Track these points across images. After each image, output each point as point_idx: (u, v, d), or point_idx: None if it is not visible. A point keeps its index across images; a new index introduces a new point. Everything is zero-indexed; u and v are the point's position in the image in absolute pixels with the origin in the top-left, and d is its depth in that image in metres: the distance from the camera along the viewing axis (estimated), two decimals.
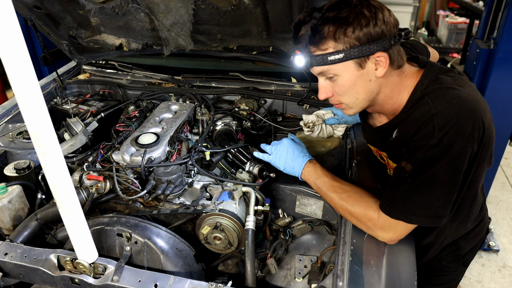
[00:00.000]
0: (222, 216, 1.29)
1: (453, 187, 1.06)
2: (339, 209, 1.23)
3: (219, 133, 1.73)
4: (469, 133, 1.00)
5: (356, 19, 1.01)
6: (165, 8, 1.77)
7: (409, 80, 1.13)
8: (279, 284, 1.29)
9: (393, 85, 1.12)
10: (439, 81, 1.08)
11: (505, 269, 2.74)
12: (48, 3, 1.83)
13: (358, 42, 1.02)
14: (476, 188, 1.21)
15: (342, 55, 1.03)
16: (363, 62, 1.06)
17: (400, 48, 1.10)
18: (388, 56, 1.05)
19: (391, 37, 1.03)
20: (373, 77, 1.09)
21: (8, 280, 1.24)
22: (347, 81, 1.09)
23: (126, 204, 1.41)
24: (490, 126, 1.07)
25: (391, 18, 1.04)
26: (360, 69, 1.07)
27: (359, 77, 1.08)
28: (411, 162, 1.06)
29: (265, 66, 2.12)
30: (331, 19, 1.02)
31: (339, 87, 1.12)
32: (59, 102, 2.03)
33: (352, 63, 1.05)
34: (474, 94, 1.06)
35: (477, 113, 1.02)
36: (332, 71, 1.08)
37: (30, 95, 0.78)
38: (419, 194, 1.06)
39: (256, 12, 1.73)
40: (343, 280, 1.02)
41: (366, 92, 1.12)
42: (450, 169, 1.03)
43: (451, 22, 6.06)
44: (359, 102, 1.15)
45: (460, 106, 1.01)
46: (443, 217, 1.08)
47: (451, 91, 1.04)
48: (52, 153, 0.86)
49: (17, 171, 1.50)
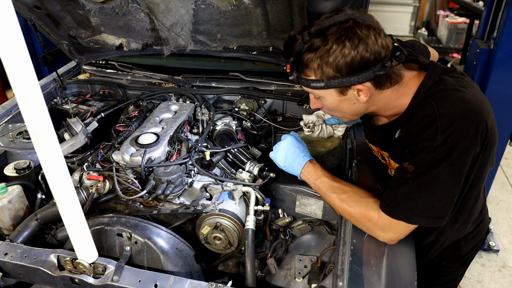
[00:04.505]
0: (222, 216, 1.29)
1: (455, 189, 1.06)
2: (338, 210, 1.22)
3: (219, 133, 1.73)
4: (472, 134, 1.01)
5: (339, 51, 1.00)
6: (165, 8, 1.77)
7: (408, 87, 1.13)
8: (279, 284, 1.29)
9: (387, 99, 1.14)
10: (442, 82, 1.09)
11: (505, 269, 2.74)
12: (48, 3, 1.83)
13: (338, 74, 1.04)
14: (479, 190, 1.21)
15: (323, 84, 1.08)
16: (344, 90, 1.09)
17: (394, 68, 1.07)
18: (371, 85, 1.07)
19: (376, 66, 1.02)
20: (357, 101, 1.13)
21: (8, 280, 1.24)
22: (331, 103, 1.15)
23: (126, 204, 1.41)
24: (493, 127, 1.07)
25: (381, 42, 1.01)
26: (341, 95, 1.11)
27: (342, 101, 1.13)
28: (414, 163, 1.05)
29: (265, 66, 2.11)
30: (315, 49, 1.04)
31: (326, 106, 1.20)
32: (59, 102, 2.03)
33: (333, 90, 1.10)
34: (478, 96, 1.07)
35: (480, 115, 1.03)
36: (316, 94, 1.16)
37: (30, 95, 0.78)
38: (420, 195, 1.06)
39: (256, 12, 1.73)
40: (343, 280, 1.02)
41: (351, 112, 1.19)
42: (452, 171, 1.03)
43: (451, 22, 6.06)
44: (349, 116, 1.22)
45: (464, 108, 1.02)
46: (444, 217, 1.08)
47: (455, 93, 1.05)
48: (52, 153, 0.86)
49: (17, 171, 1.50)
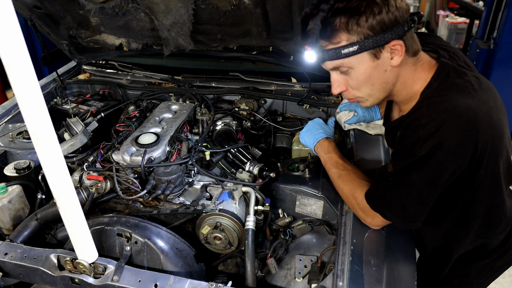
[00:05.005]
0: (222, 216, 1.29)
1: (429, 198, 1.06)
2: (335, 185, 1.29)
3: (219, 133, 1.73)
4: (452, 150, 0.97)
5: (368, 8, 0.96)
6: (165, 8, 1.76)
7: (424, 72, 1.08)
8: (279, 284, 1.29)
9: (408, 74, 1.08)
10: (446, 85, 1.03)
11: None
12: (48, 3, 1.83)
13: (372, 32, 0.98)
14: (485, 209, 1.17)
15: (357, 47, 0.99)
16: (378, 52, 1.01)
17: (413, 33, 1.05)
18: (403, 44, 1.01)
19: (404, 23, 0.99)
20: (388, 67, 1.05)
21: (8, 280, 1.24)
22: (362, 73, 1.05)
23: (126, 204, 1.41)
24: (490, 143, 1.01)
25: (403, 3, 0.99)
26: (375, 59, 1.02)
27: (375, 68, 1.04)
28: (393, 164, 1.08)
29: (265, 66, 2.11)
30: (342, 10, 0.97)
31: (354, 80, 1.08)
32: (59, 102, 2.03)
33: (366, 54, 1.01)
34: (476, 110, 0.97)
35: (468, 131, 0.96)
36: (346, 65, 1.04)
37: (30, 95, 0.78)
38: (395, 196, 1.08)
39: (256, 12, 1.73)
40: (343, 280, 1.03)
41: (381, 82, 1.08)
42: (427, 180, 1.02)
43: (451, 22, 6.05)
44: (375, 93, 1.11)
45: (450, 121, 0.96)
46: (416, 222, 1.09)
47: (448, 103, 0.98)
48: (52, 153, 0.86)
49: (17, 171, 1.50)
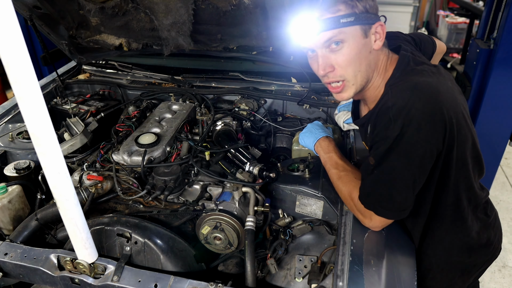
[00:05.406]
0: (222, 216, 1.29)
1: (415, 183, 1.07)
2: (334, 185, 1.29)
3: (219, 133, 1.73)
4: (423, 125, 1.00)
5: None
6: (165, 8, 1.76)
7: (391, 66, 1.16)
8: (279, 284, 1.29)
9: (383, 62, 1.17)
10: (407, 72, 1.11)
11: (505, 269, 2.74)
12: (48, 3, 1.83)
13: (365, 10, 1.08)
14: (457, 194, 1.17)
15: (353, 18, 1.06)
16: (367, 30, 1.10)
17: None
18: (385, 28, 1.11)
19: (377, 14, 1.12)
20: (372, 49, 1.12)
21: (8, 280, 1.24)
22: (353, 48, 1.09)
23: (126, 204, 1.41)
24: (458, 120, 1.05)
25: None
26: (364, 37, 1.10)
27: (364, 46, 1.10)
28: (373, 155, 1.10)
29: (265, 66, 2.11)
30: None
31: (344, 56, 1.10)
32: (59, 102, 2.02)
33: (359, 29, 1.08)
34: (437, 85, 1.04)
35: (434, 104, 1.01)
36: (341, 36, 1.07)
37: (30, 95, 0.78)
38: (381, 187, 1.10)
39: (256, 12, 1.73)
40: (343, 280, 1.03)
41: (366, 64, 1.13)
42: (406, 161, 1.04)
43: (451, 22, 6.05)
44: (359, 77, 1.14)
45: (414, 96, 1.01)
46: (406, 209, 1.11)
47: (409, 83, 1.05)
48: (52, 153, 0.86)
49: (17, 171, 1.50)
